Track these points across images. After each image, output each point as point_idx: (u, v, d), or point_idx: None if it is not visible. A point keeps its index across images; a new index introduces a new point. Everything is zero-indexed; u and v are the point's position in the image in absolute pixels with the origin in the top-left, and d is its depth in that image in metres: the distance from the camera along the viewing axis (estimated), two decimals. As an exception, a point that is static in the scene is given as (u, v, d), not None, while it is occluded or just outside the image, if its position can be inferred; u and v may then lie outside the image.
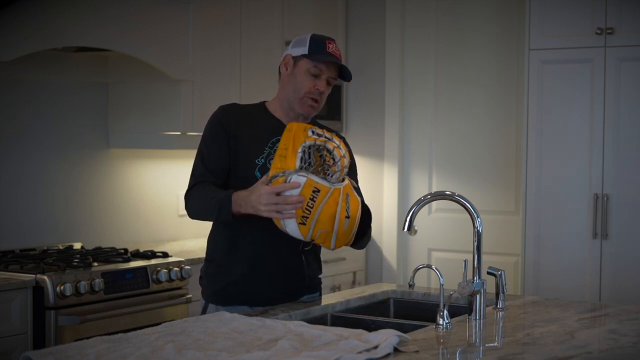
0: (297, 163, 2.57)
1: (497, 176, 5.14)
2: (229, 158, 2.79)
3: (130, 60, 4.18)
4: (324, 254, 3.07)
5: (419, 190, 5.33)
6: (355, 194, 2.66)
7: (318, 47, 2.81)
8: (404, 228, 2.65)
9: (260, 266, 2.78)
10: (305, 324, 2.36)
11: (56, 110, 4.24)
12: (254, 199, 2.57)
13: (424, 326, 2.51)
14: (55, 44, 3.74)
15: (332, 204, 2.56)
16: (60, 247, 4.14)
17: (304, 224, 2.56)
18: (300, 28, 5.09)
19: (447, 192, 2.70)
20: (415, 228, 2.70)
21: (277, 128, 2.81)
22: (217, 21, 4.51)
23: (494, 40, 5.13)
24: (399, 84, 5.39)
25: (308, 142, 2.59)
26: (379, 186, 5.44)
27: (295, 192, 2.53)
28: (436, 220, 5.30)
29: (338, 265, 5.12)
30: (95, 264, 3.78)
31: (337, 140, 2.64)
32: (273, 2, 4.89)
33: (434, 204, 5.26)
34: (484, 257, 2.65)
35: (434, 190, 5.27)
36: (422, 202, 2.64)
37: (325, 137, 2.63)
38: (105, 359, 2.01)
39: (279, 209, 2.54)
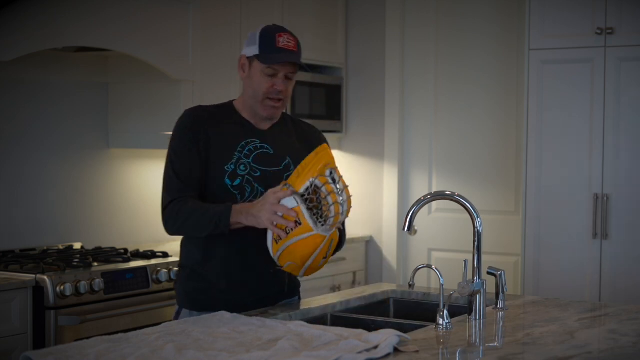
0: (302, 190, 2.49)
1: (497, 176, 5.14)
2: (202, 168, 2.68)
3: (130, 60, 4.18)
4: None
5: (419, 190, 5.32)
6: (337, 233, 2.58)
7: (268, 44, 2.68)
8: (404, 228, 2.65)
9: (235, 272, 2.71)
10: (305, 324, 2.36)
11: (56, 110, 4.24)
12: (258, 207, 2.52)
13: (424, 326, 2.51)
14: (55, 44, 3.74)
15: (311, 245, 2.48)
16: (60, 247, 4.14)
17: (277, 242, 2.52)
18: (300, 28, 5.09)
19: (447, 192, 2.69)
20: (415, 228, 2.70)
21: (247, 130, 2.74)
22: (217, 21, 4.51)
23: (494, 40, 5.13)
24: (399, 84, 5.39)
25: (317, 181, 2.48)
26: (379, 186, 5.44)
27: (290, 204, 2.47)
28: (436, 220, 5.30)
29: (338, 265, 5.12)
30: (95, 264, 3.78)
31: (344, 196, 2.50)
32: (273, 2, 4.89)
33: (434, 204, 5.26)
34: (484, 257, 2.65)
35: (434, 190, 5.27)
36: (422, 202, 2.64)
37: (336, 188, 2.49)
38: (105, 359, 2.01)
39: (276, 218, 2.47)
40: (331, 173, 2.50)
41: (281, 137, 2.80)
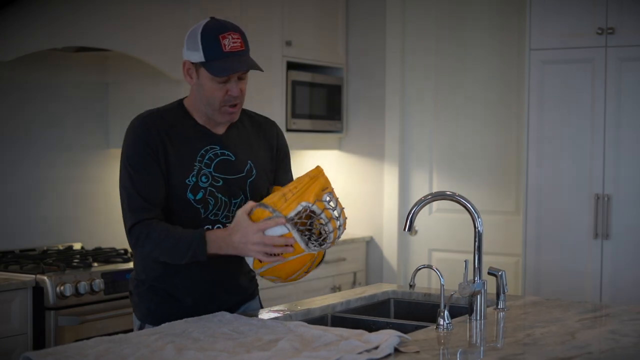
0: (292, 214, 2.35)
1: (497, 176, 5.13)
2: (163, 180, 2.49)
3: (130, 60, 4.18)
4: (325, 253, 3.04)
5: (420, 190, 5.32)
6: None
7: (213, 49, 2.45)
8: (404, 228, 2.64)
9: (200, 286, 2.57)
10: (306, 324, 2.35)
11: (56, 110, 4.24)
12: (239, 239, 2.37)
13: (425, 326, 2.50)
14: (55, 44, 3.74)
15: (298, 264, 2.43)
16: (60, 247, 4.14)
17: (260, 261, 2.42)
18: (300, 28, 5.09)
19: (448, 193, 2.69)
20: (416, 228, 2.69)
21: (204, 136, 2.57)
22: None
23: (495, 40, 5.13)
24: (399, 84, 5.39)
25: (314, 207, 2.36)
26: (379, 186, 5.43)
27: (279, 231, 2.36)
28: (437, 221, 5.30)
29: (338, 265, 5.12)
30: (95, 264, 3.78)
31: (342, 220, 2.42)
32: (273, 2, 4.89)
33: (435, 204, 5.25)
34: (484, 258, 2.65)
35: (434, 190, 5.27)
36: (422, 203, 2.63)
37: (333, 212, 2.39)
38: (105, 360, 2.01)
39: (267, 250, 2.35)
40: (330, 199, 2.40)
41: (240, 141, 2.64)
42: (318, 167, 2.45)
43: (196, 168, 2.52)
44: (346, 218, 2.45)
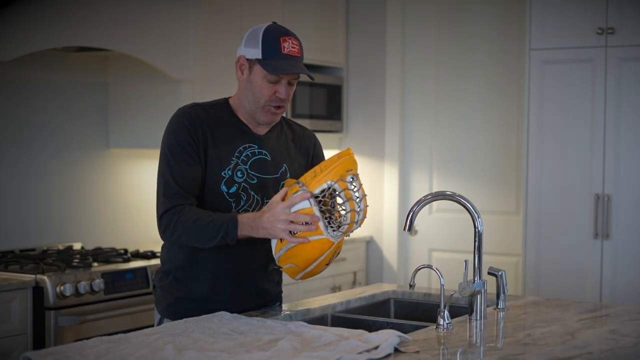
0: (317, 191, 2.38)
1: (497, 176, 5.14)
2: (201, 171, 2.55)
3: (130, 60, 4.18)
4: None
5: (420, 190, 5.32)
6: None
7: (273, 49, 2.53)
8: (404, 228, 2.63)
9: (219, 281, 2.60)
10: (305, 324, 2.35)
11: (56, 110, 4.24)
12: (267, 217, 2.39)
13: (425, 326, 2.50)
14: (55, 44, 3.74)
15: (317, 250, 2.41)
16: (60, 247, 4.14)
17: (281, 240, 2.43)
18: (300, 28, 5.08)
19: (448, 192, 2.69)
20: (416, 228, 2.69)
21: (245, 134, 2.63)
22: (217, 21, 4.50)
23: (495, 40, 5.13)
24: (399, 83, 5.39)
25: (337, 185, 2.37)
26: (380, 186, 5.43)
27: (298, 205, 2.37)
28: (437, 221, 5.30)
29: (338, 265, 5.12)
30: (95, 264, 3.78)
31: (362, 205, 2.42)
32: (273, 2, 4.89)
33: (435, 204, 5.25)
34: (484, 258, 2.65)
35: (434, 190, 5.27)
36: (422, 203, 2.63)
37: (353, 194, 2.40)
38: (105, 359, 2.01)
39: (292, 228, 2.36)
40: (353, 179, 2.41)
41: (278, 143, 2.70)
42: (348, 149, 2.47)
43: (233, 163, 2.58)
44: (367, 205, 2.45)
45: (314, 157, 2.80)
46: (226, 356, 2.03)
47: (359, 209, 2.41)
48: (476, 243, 2.61)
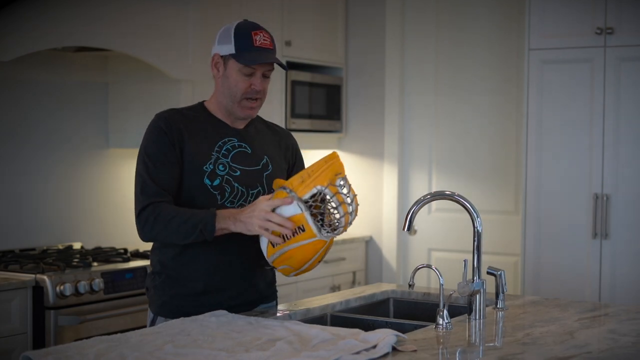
0: (307, 196, 2.41)
1: (497, 176, 5.14)
2: (178, 170, 2.60)
3: (130, 60, 4.18)
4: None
5: (419, 190, 5.32)
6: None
7: (244, 42, 2.60)
8: (404, 228, 2.64)
9: (213, 278, 2.62)
10: (302, 323, 2.35)
11: (56, 110, 4.24)
12: (246, 212, 2.45)
13: (424, 326, 2.51)
14: (55, 44, 3.74)
15: (310, 251, 2.45)
16: (60, 247, 4.14)
17: (273, 246, 2.46)
18: (300, 28, 5.10)
19: (447, 192, 2.69)
20: (415, 228, 2.69)
21: (223, 129, 2.68)
22: (217, 21, 4.50)
23: (494, 40, 5.13)
24: (398, 83, 5.39)
25: (328, 191, 2.41)
26: (379, 186, 5.44)
27: (291, 211, 2.42)
28: (436, 220, 5.30)
29: (338, 265, 5.12)
30: (95, 263, 3.78)
31: (354, 206, 2.46)
32: (273, 2, 4.90)
33: (434, 203, 5.26)
34: (483, 257, 2.65)
35: (433, 190, 5.27)
36: (422, 202, 2.64)
37: (345, 197, 2.43)
38: (105, 359, 2.01)
39: (268, 226, 2.41)
40: (343, 183, 2.45)
41: (257, 137, 2.74)
42: (334, 153, 2.51)
43: (214, 157, 2.62)
44: (358, 204, 2.49)
45: (292, 152, 2.84)
46: (225, 355, 2.03)
47: (351, 211, 2.45)
48: (475, 243, 2.62)
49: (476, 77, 5.19)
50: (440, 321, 2.41)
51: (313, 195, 2.42)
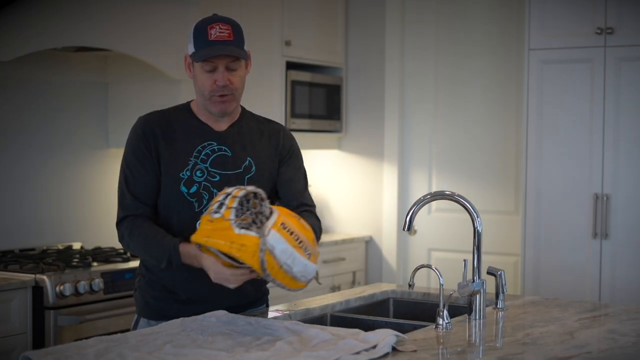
0: (232, 215, 2.29)
1: (496, 176, 5.14)
2: (156, 178, 2.57)
3: (130, 60, 4.18)
4: (325, 253, 3.05)
5: (419, 190, 5.32)
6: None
7: (201, 39, 2.53)
8: (404, 228, 2.64)
9: (197, 281, 2.54)
10: (302, 323, 2.35)
11: (56, 110, 4.24)
12: (215, 274, 2.40)
13: (424, 326, 2.51)
14: (55, 44, 3.74)
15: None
16: (60, 247, 4.14)
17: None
18: (300, 28, 5.09)
19: (447, 192, 2.69)
20: (415, 228, 2.68)
21: (204, 133, 2.61)
22: (217, 21, 4.50)
23: (494, 40, 5.13)
24: (398, 83, 5.39)
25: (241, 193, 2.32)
26: (379, 186, 5.43)
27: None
28: (436, 220, 5.30)
29: (338, 265, 5.12)
30: (95, 263, 3.78)
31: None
32: (273, 2, 4.89)
33: (434, 203, 5.25)
34: (483, 257, 2.65)
35: (433, 190, 5.27)
36: (421, 202, 2.63)
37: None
38: (104, 359, 2.01)
39: (229, 283, 2.40)
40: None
41: (241, 137, 2.65)
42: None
43: (191, 163, 2.57)
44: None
45: (283, 146, 2.72)
46: (225, 355, 2.03)
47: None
48: (475, 243, 2.62)
49: (476, 77, 5.19)
50: (440, 321, 2.41)
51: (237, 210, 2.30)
